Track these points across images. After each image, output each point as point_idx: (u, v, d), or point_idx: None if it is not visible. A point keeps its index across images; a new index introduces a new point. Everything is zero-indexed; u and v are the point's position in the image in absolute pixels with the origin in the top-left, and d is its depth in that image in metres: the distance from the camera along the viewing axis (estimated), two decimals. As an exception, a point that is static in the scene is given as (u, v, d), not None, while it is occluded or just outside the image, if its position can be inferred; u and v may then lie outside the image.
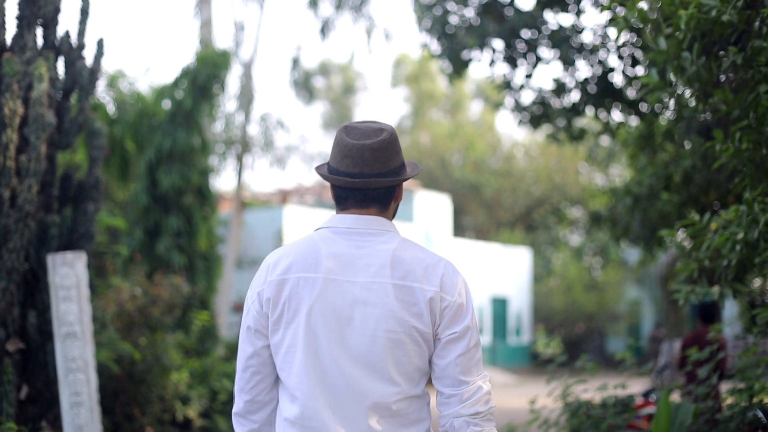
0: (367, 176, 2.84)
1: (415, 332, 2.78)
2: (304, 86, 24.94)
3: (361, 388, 2.76)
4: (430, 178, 44.58)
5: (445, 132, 48.18)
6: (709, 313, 9.60)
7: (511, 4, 14.37)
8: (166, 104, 14.21)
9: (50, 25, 8.26)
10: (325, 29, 20.22)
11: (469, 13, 14.43)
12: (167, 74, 19.74)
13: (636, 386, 7.58)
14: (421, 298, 2.79)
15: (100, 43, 8.50)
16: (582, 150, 39.58)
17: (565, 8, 14.27)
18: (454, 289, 2.84)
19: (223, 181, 36.36)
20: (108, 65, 25.11)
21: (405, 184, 27.04)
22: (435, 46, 14.71)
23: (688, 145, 9.39)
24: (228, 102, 20.31)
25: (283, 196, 31.19)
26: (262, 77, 63.18)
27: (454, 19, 14.41)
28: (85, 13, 8.37)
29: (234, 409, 2.97)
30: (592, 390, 7.24)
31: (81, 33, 8.38)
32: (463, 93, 52.00)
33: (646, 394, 8.98)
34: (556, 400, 7.25)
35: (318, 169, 2.97)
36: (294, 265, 2.82)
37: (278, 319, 2.81)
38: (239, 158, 19.84)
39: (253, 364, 2.88)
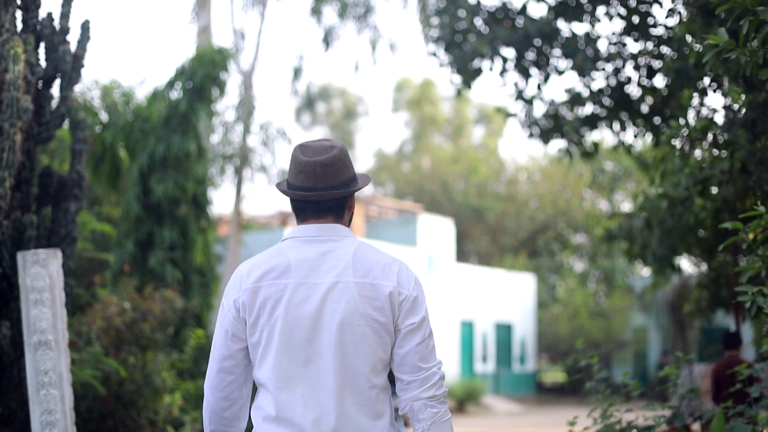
0: (319, 190, 3.13)
1: (377, 325, 3.05)
2: (307, 106, 24.23)
3: (332, 380, 3.02)
4: (432, 202, 44.06)
5: (448, 156, 47.74)
6: (733, 339, 9.40)
7: (523, 12, 13.77)
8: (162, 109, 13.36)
9: (31, 7, 7.52)
10: (328, 38, 19.46)
11: (479, 21, 13.81)
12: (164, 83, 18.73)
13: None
14: (381, 293, 3.06)
15: (85, 26, 7.72)
16: (586, 174, 39.09)
17: (579, 17, 13.67)
18: (408, 283, 3.12)
19: (221, 204, 35.70)
20: (102, 76, 24.34)
21: (408, 207, 27.13)
22: (443, 55, 14.04)
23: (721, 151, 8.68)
24: (226, 112, 19.43)
25: (284, 219, 30.70)
26: (262, 91, 62.64)
27: (463, 26, 13.75)
28: (69, -7, 7.60)
29: (205, 406, 3.22)
30: (627, 411, 6.54)
31: (64, 15, 7.63)
32: (465, 117, 51.66)
33: (670, 420, 8.33)
34: (595, 422, 6.49)
35: (278, 185, 3.29)
36: (267, 273, 3.07)
37: (255, 322, 3.06)
38: (238, 171, 18.97)
39: (228, 366, 3.13)
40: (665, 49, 13.08)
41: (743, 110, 7.68)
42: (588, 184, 39.30)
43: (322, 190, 3.13)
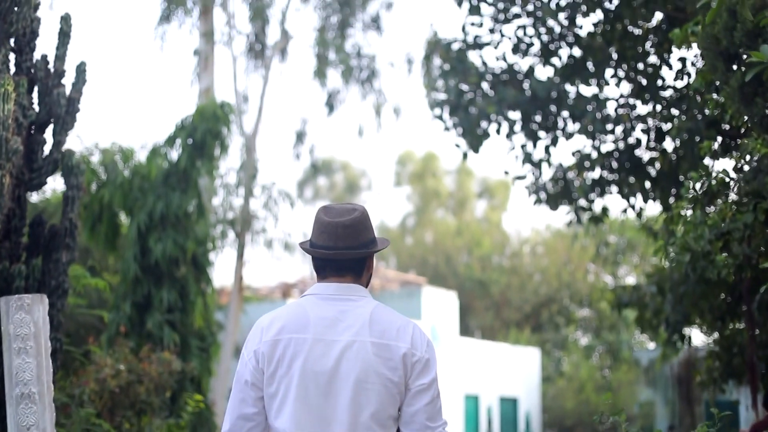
0: (340, 249, 3.27)
1: (390, 384, 3.17)
2: (312, 175, 24.00)
3: None
4: (436, 276, 43.72)
5: (451, 230, 47.62)
6: None
7: (530, 74, 13.60)
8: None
9: (25, 49, 7.23)
10: (331, 101, 19.26)
11: (485, 84, 13.61)
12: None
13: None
14: (395, 354, 3.19)
15: (80, 68, 7.41)
16: (590, 247, 38.82)
17: (586, 80, 13.50)
18: (422, 346, 3.25)
19: (222, 275, 35.28)
20: (102, 140, 24.15)
21: (413, 279, 27.32)
22: (448, 118, 13.80)
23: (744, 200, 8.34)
24: (228, 174, 19.08)
25: (286, 289, 30.41)
26: (265, 156, 62.52)
27: (469, 88, 13.54)
28: (64, 35, 7.31)
29: None
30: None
31: (60, 58, 7.33)
32: (468, 191, 51.66)
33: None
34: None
35: (302, 244, 3.43)
36: (286, 327, 3.20)
37: (273, 373, 3.18)
38: (239, 236, 18.57)
39: (247, 413, 3.23)
40: (675, 111, 12.86)
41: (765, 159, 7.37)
42: (592, 257, 39.07)
43: (343, 249, 3.27)
